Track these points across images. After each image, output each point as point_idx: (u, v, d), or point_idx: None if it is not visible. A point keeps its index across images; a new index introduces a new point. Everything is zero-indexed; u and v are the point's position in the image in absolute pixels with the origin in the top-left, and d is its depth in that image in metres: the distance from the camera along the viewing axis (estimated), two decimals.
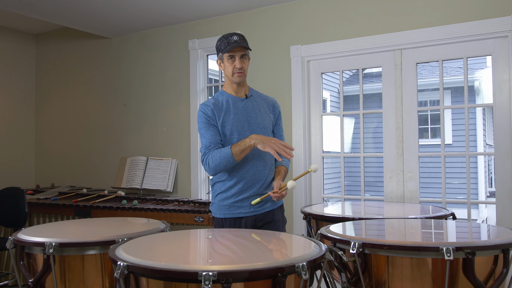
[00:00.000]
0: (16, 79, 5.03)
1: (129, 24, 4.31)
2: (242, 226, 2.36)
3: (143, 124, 4.53)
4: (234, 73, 2.35)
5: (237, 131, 2.36)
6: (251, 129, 2.38)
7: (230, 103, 2.40)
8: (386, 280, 1.70)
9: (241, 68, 2.34)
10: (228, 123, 2.36)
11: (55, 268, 1.86)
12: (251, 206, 2.36)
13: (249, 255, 1.63)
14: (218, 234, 2.09)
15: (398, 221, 2.31)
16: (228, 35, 2.35)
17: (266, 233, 2.01)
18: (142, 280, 1.43)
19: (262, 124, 2.42)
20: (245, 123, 2.38)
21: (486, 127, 9.20)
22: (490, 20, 3.06)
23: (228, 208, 2.38)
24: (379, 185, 3.81)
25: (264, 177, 2.39)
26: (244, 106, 2.41)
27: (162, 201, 3.83)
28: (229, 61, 2.35)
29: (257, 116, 2.42)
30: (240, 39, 2.32)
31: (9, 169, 4.87)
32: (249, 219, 2.37)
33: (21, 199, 3.75)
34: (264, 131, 2.41)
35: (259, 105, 2.45)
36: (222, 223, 2.40)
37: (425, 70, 8.87)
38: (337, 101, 9.33)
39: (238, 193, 2.36)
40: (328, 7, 3.64)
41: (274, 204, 2.44)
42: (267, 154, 2.39)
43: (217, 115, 2.36)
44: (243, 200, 2.37)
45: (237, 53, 2.33)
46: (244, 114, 2.39)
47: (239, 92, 2.43)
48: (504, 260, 1.67)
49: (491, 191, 8.86)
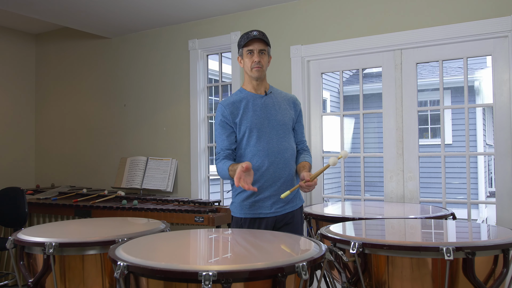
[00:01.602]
0: (16, 79, 5.03)
1: (129, 24, 4.31)
2: (262, 227, 2.30)
3: (143, 124, 4.53)
4: (253, 68, 2.32)
5: (256, 128, 2.32)
6: (271, 125, 2.35)
7: (250, 100, 2.37)
8: (386, 280, 1.70)
9: (259, 62, 2.32)
10: (247, 121, 2.33)
11: (55, 268, 1.86)
12: (273, 206, 2.31)
13: (249, 255, 1.63)
14: (218, 234, 2.09)
15: (398, 221, 2.31)
16: (248, 31, 2.35)
17: (266, 233, 2.01)
18: (142, 280, 1.43)
19: (283, 121, 2.38)
20: (265, 120, 2.35)
21: (486, 127, 9.20)
22: (490, 20, 3.06)
23: (249, 208, 2.32)
24: (379, 185, 3.81)
25: (285, 176, 2.34)
26: (263, 103, 2.37)
27: (162, 201, 3.82)
28: (247, 56, 2.34)
29: (277, 113, 2.38)
30: (259, 34, 2.32)
31: (9, 169, 4.87)
32: (270, 219, 2.31)
33: (21, 199, 3.75)
34: (284, 127, 2.38)
35: (279, 102, 2.42)
36: (241, 223, 2.34)
37: (425, 70, 8.87)
38: (337, 101, 9.33)
39: (258, 192, 2.30)
40: (328, 7, 3.64)
41: (294, 205, 2.39)
42: (287, 151, 2.36)
43: (235, 114, 2.34)
44: (264, 200, 2.31)
45: (256, 47, 2.32)
46: (263, 111, 2.36)
47: (258, 89, 2.39)
48: (504, 260, 1.67)
49: (491, 191, 8.86)
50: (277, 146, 2.32)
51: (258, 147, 2.31)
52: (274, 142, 2.33)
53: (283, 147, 2.35)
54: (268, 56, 2.38)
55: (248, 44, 2.32)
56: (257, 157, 2.31)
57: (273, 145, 2.32)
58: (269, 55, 2.40)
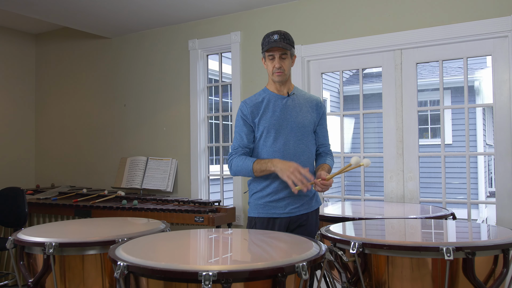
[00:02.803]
0: (16, 79, 5.03)
1: (129, 24, 4.31)
2: (276, 227, 2.28)
3: (143, 124, 4.53)
4: (274, 73, 2.32)
5: (274, 129, 2.32)
6: (289, 127, 2.33)
7: (271, 100, 2.36)
8: (386, 280, 1.70)
9: (280, 67, 2.30)
10: (266, 121, 2.33)
11: (55, 268, 1.86)
12: (287, 207, 2.29)
13: (249, 255, 1.63)
14: (218, 234, 2.09)
15: (398, 221, 2.31)
16: (270, 34, 2.31)
17: (266, 233, 2.01)
18: (142, 280, 1.43)
19: (302, 123, 2.35)
20: (284, 121, 2.33)
21: (486, 127, 9.20)
22: (490, 20, 3.06)
23: (262, 207, 2.31)
24: (379, 185, 3.81)
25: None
26: (284, 104, 2.36)
27: (162, 201, 3.82)
28: (269, 60, 2.33)
29: (297, 115, 2.36)
30: (280, 38, 2.28)
31: (9, 169, 4.87)
32: (283, 220, 2.29)
33: (21, 199, 3.74)
34: (304, 130, 2.36)
35: (300, 104, 2.40)
36: (254, 222, 2.33)
37: (425, 70, 8.87)
38: (337, 101, 9.33)
39: (273, 193, 2.30)
40: (328, 7, 3.64)
41: (309, 207, 2.36)
42: (304, 154, 2.34)
43: (255, 113, 2.34)
44: (278, 201, 2.29)
45: (276, 52, 2.29)
46: (283, 112, 2.34)
47: (281, 90, 2.38)
48: (504, 260, 1.67)
49: (491, 191, 8.85)
50: (294, 148, 2.31)
51: (274, 148, 2.30)
52: (291, 144, 2.32)
53: (300, 150, 2.33)
54: (290, 58, 2.35)
55: (269, 49, 2.30)
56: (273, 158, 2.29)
57: (290, 147, 2.31)
58: (292, 56, 2.37)
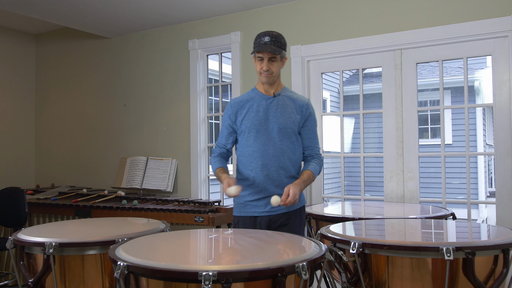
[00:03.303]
0: (16, 79, 5.03)
1: (129, 24, 4.31)
2: (257, 226, 2.33)
3: (143, 124, 4.52)
4: (261, 74, 2.34)
5: (255, 129, 2.35)
6: (270, 127, 2.35)
7: (256, 101, 2.39)
8: (386, 280, 1.70)
9: (267, 70, 2.32)
10: (248, 121, 2.36)
11: (55, 268, 1.86)
12: (267, 205, 2.32)
13: (249, 255, 1.63)
14: (218, 234, 2.09)
15: (398, 221, 2.31)
16: (262, 34, 2.31)
17: (266, 233, 2.01)
18: (142, 280, 1.43)
19: (284, 124, 2.35)
20: (265, 121, 2.36)
21: (486, 127, 9.20)
22: (490, 20, 3.06)
23: (244, 207, 2.37)
24: (379, 185, 3.81)
25: (280, 179, 2.34)
26: (268, 104, 2.38)
27: (162, 201, 3.82)
28: (257, 61, 2.35)
29: (280, 116, 2.36)
30: (271, 41, 2.28)
31: (9, 169, 4.87)
32: (264, 219, 2.33)
33: (21, 199, 3.74)
34: (285, 131, 2.35)
35: (285, 105, 2.39)
36: (237, 221, 2.39)
37: (425, 70, 8.86)
38: (337, 101, 9.33)
39: (254, 193, 2.35)
40: (328, 7, 3.64)
41: (291, 207, 2.36)
42: (284, 155, 2.35)
43: (239, 113, 2.39)
44: (259, 200, 2.34)
45: (266, 55, 2.30)
46: (265, 113, 2.37)
47: (268, 91, 2.40)
48: (504, 260, 1.67)
49: (491, 191, 8.85)
50: (273, 149, 2.33)
51: (254, 148, 2.35)
52: (270, 144, 2.34)
53: (280, 151, 2.34)
54: (280, 60, 2.36)
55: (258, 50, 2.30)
56: (253, 158, 2.35)
57: (269, 147, 2.33)
58: (282, 59, 2.37)
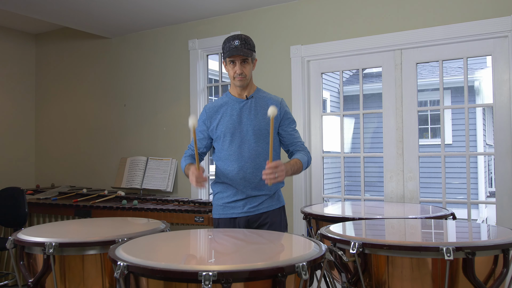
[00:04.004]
0: (16, 79, 5.03)
1: (129, 24, 4.31)
2: (236, 226, 2.37)
3: (143, 124, 4.52)
4: (235, 78, 2.34)
5: (230, 133, 2.36)
6: (245, 130, 2.35)
7: (229, 104, 2.40)
8: (386, 280, 1.70)
9: (241, 73, 2.32)
10: (223, 125, 2.38)
11: (55, 268, 1.86)
12: (244, 206, 2.37)
13: (249, 255, 1.63)
14: (218, 234, 2.09)
15: (398, 221, 2.31)
16: (231, 39, 2.30)
17: (266, 233, 2.01)
18: (142, 280, 1.43)
19: (258, 126, 2.35)
20: (239, 124, 2.36)
21: (486, 127, 9.20)
22: (490, 20, 3.06)
23: (222, 209, 2.41)
24: (379, 185, 3.81)
25: (256, 180, 2.35)
26: (241, 108, 2.39)
27: (162, 201, 3.82)
28: (230, 65, 2.34)
29: (254, 118, 2.36)
30: (241, 45, 2.27)
31: (9, 169, 4.87)
32: (242, 219, 2.37)
33: (21, 199, 3.75)
34: (260, 132, 2.35)
35: (257, 107, 2.39)
36: (218, 223, 2.43)
37: (425, 70, 8.87)
38: (337, 101, 9.33)
39: (232, 195, 2.39)
40: (328, 7, 3.64)
41: (270, 206, 2.40)
42: (260, 157, 2.35)
43: (213, 119, 2.41)
44: (237, 201, 2.38)
45: (237, 58, 2.30)
46: (239, 116, 2.37)
47: (241, 94, 2.41)
48: (504, 260, 1.67)
49: (491, 191, 8.85)
50: (249, 151, 2.34)
51: (230, 152, 2.37)
52: (245, 146, 2.35)
53: (256, 152, 2.35)
54: (252, 62, 2.37)
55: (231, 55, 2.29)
56: (229, 161, 2.37)
57: (245, 150, 2.34)
58: (253, 61, 2.38)
